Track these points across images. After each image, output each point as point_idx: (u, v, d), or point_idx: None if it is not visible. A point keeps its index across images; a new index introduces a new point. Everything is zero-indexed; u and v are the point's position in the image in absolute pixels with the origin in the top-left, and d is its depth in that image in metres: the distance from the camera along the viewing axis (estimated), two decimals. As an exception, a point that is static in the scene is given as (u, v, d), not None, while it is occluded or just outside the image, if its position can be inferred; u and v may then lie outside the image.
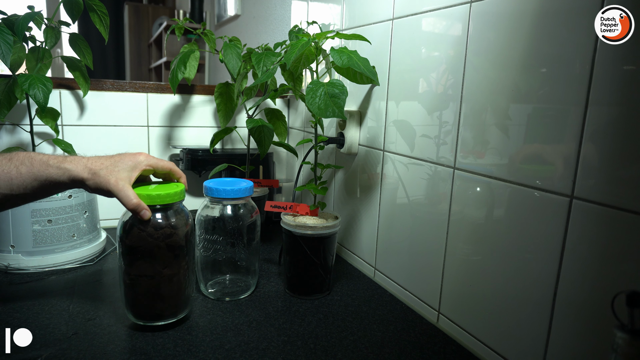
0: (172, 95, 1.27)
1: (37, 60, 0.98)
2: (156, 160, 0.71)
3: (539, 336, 0.58)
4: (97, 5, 0.98)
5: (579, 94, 0.51)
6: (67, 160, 0.65)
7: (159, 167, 0.71)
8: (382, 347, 0.68)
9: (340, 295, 0.86)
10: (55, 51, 4.03)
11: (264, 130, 1.03)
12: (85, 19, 3.03)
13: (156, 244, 0.67)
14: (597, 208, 0.50)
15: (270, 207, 0.87)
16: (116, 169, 0.66)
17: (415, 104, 0.79)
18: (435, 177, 0.76)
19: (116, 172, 0.65)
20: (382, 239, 0.92)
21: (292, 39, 0.98)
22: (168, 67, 3.66)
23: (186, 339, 0.68)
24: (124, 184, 0.65)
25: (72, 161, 0.65)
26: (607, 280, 0.50)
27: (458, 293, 0.72)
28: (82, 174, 0.64)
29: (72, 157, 0.66)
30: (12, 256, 0.90)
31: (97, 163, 0.66)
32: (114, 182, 0.64)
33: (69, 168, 0.64)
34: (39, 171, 0.64)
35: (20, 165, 0.64)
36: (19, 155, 0.65)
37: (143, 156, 0.69)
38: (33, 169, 0.64)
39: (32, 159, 0.65)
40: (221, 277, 0.86)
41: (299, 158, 1.28)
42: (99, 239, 1.02)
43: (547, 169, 0.56)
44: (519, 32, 0.59)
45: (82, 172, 0.64)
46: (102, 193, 0.66)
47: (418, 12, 0.78)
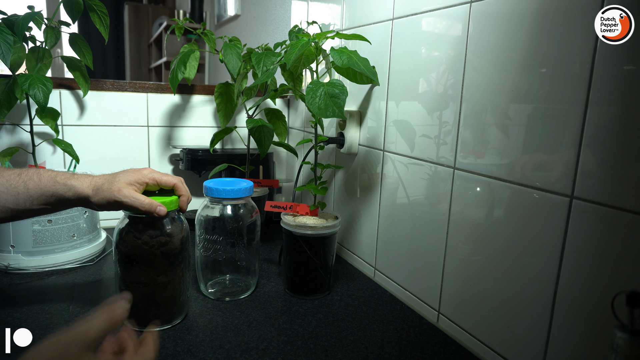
0: (172, 95, 1.27)
1: (37, 60, 0.98)
2: (160, 174, 0.69)
3: (539, 336, 0.58)
4: (97, 5, 0.98)
5: (579, 94, 0.51)
6: (74, 178, 0.66)
7: (163, 182, 0.70)
8: (382, 347, 0.68)
9: (340, 295, 0.86)
10: (55, 51, 4.02)
11: (264, 130, 1.03)
12: (85, 19, 3.03)
13: (151, 252, 0.67)
14: (597, 208, 0.50)
15: (270, 207, 0.87)
16: (117, 179, 0.66)
17: (415, 104, 0.79)
18: (435, 177, 0.76)
19: (118, 183, 0.65)
20: (382, 239, 0.92)
21: (292, 39, 0.98)
22: (168, 67, 3.66)
23: (186, 339, 0.68)
24: (129, 190, 0.65)
25: (79, 178, 0.66)
26: (607, 280, 0.50)
27: (458, 293, 0.72)
28: (86, 191, 0.65)
29: (80, 175, 0.67)
30: (12, 256, 0.90)
31: (100, 179, 0.66)
32: (117, 190, 0.64)
33: (75, 185, 0.65)
34: (46, 187, 0.64)
35: (28, 180, 0.65)
36: (28, 172, 0.66)
37: (147, 170, 0.69)
38: (41, 184, 0.64)
39: (41, 175, 0.65)
40: (221, 277, 0.86)
41: (299, 158, 1.28)
42: (99, 239, 1.02)
43: (547, 169, 0.56)
44: (519, 32, 0.59)
45: (87, 189, 0.65)
46: (109, 207, 0.65)
47: (418, 12, 0.78)
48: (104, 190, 0.64)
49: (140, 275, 0.68)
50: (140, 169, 0.69)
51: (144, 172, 0.68)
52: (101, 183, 0.65)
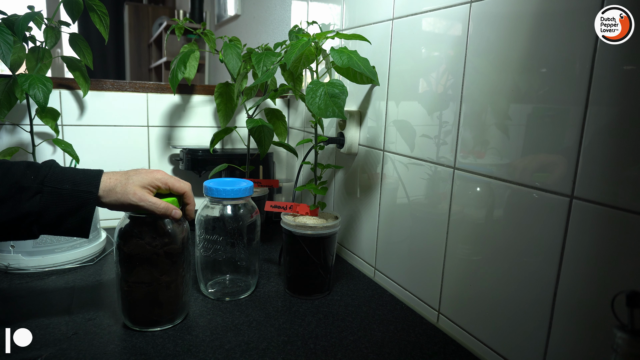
0: (172, 95, 1.27)
1: (37, 60, 0.98)
2: (174, 180, 0.69)
3: (539, 336, 0.58)
4: (97, 5, 0.98)
5: (579, 94, 0.51)
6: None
7: (176, 189, 0.69)
8: (382, 347, 0.68)
9: (340, 295, 0.86)
10: (55, 51, 4.03)
11: (264, 130, 1.03)
12: (85, 19, 3.04)
13: (154, 251, 0.68)
14: (597, 208, 0.50)
15: (270, 207, 0.87)
16: (131, 181, 0.65)
17: (415, 104, 0.79)
18: (435, 177, 0.76)
19: (132, 186, 0.64)
20: (382, 239, 0.92)
21: (292, 39, 0.98)
22: (168, 67, 3.66)
23: (186, 339, 0.68)
24: (143, 193, 0.65)
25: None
26: (607, 280, 0.50)
27: (458, 293, 0.72)
28: (99, 193, 0.63)
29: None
30: (12, 256, 0.90)
31: (111, 180, 0.65)
32: (132, 194, 0.64)
33: None
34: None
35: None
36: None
37: (160, 174, 0.68)
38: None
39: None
40: (221, 277, 0.86)
41: (299, 158, 1.28)
42: (99, 239, 1.02)
43: (547, 169, 0.56)
44: (519, 32, 0.59)
45: (100, 192, 0.63)
46: (119, 208, 0.65)
47: (418, 12, 0.78)
48: (117, 192, 0.64)
49: (143, 275, 0.68)
50: (152, 170, 0.68)
51: (157, 176, 0.67)
52: (113, 184, 0.64)
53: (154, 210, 0.65)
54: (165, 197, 0.69)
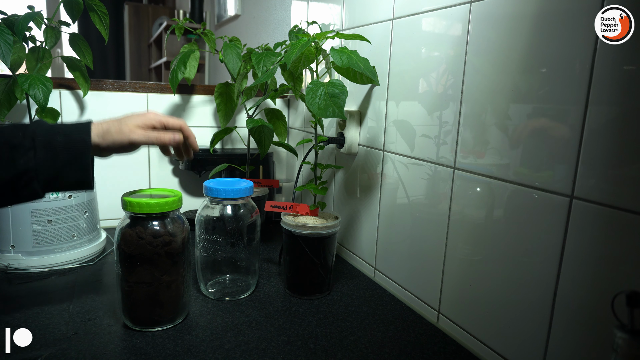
0: (172, 95, 1.27)
1: (37, 60, 0.98)
2: (166, 117, 0.69)
3: (539, 336, 0.58)
4: (97, 5, 0.98)
5: (579, 94, 0.51)
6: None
7: (170, 124, 0.69)
8: (382, 347, 0.68)
9: (340, 295, 0.86)
10: (55, 51, 4.02)
11: (264, 130, 1.03)
12: (85, 19, 3.03)
13: (155, 251, 0.68)
14: (597, 208, 0.50)
15: (270, 207, 0.87)
16: (126, 122, 0.64)
17: (415, 104, 0.79)
18: (435, 177, 0.76)
19: (128, 125, 0.64)
20: (382, 239, 0.92)
21: (292, 39, 0.98)
22: (168, 67, 3.66)
23: (186, 339, 0.68)
24: (142, 131, 0.64)
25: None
26: (607, 281, 0.50)
27: (458, 293, 0.72)
28: (94, 139, 0.61)
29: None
30: (12, 256, 0.90)
31: (103, 125, 0.63)
32: (131, 132, 0.63)
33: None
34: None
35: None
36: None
37: (152, 114, 0.68)
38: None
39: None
40: (221, 277, 0.86)
41: (299, 158, 1.28)
42: (99, 239, 1.02)
43: (547, 169, 0.56)
44: (519, 32, 0.59)
45: (94, 138, 0.61)
46: (118, 150, 0.64)
47: (418, 12, 0.78)
48: (113, 133, 0.63)
49: (144, 275, 0.68)
50: (144, 112, 0.67)
51: (150, 116, 0.67)
52: (107, 128, 0.63)
53: (161, 139, 0.65)
54: (166, 197, 0.69)
